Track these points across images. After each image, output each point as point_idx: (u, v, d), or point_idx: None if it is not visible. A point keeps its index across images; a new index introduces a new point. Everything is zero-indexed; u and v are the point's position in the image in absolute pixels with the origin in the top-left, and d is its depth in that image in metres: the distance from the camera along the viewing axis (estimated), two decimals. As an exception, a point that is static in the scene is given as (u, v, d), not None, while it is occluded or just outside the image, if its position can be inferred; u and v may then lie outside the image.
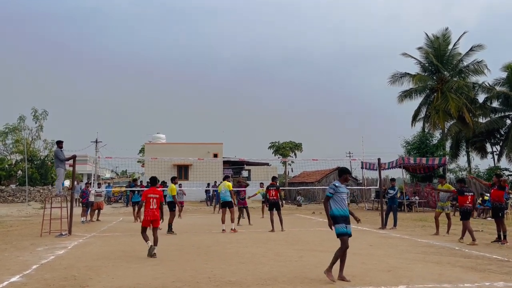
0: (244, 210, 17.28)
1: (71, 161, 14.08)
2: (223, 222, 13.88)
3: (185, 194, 22.21)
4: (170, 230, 13.61)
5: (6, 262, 8.32)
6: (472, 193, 11.59)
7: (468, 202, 11.46)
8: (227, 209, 14.08)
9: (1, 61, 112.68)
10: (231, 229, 13.74)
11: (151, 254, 8.83)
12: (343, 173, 7.03)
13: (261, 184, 19.21)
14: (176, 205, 14.35)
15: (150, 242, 9.02)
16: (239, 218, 16.55)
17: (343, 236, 6.68)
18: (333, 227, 6.75)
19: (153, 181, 9.88)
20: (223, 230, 13.69)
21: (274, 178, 15.15)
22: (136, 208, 17.18)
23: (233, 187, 14.55)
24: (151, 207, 9.20)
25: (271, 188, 14.43)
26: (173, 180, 14.45)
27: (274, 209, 14.20)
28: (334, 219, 6.73)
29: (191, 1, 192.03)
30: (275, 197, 14.30)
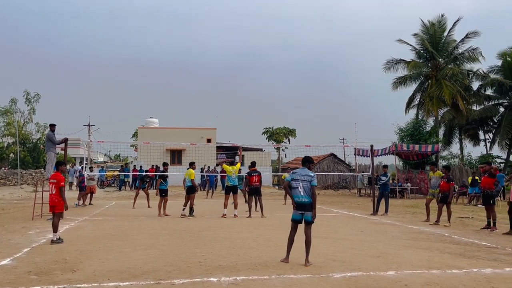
0: (257, 199, 14.33)
1: (62, 145, 13.98)
2: (225, 206, 13.81)
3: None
4: (191, 213, 13.83)
5: (-4, 245, 8.29)
6: (452, 181, 12.47)
7: (447, 189, 12.29)
8: (231, 195, 13.87)
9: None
10: (234, 215, 13.67)
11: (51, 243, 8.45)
12: (306, 162, 7.13)
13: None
14: (196, 189, 14.32)
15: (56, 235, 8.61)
16: (250, 208, 13.98)
17: (291, 222, 6.96)
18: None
19: (57, 164, 9.62)
20: (223, 214, 13.66)
21: (253, 164, 14.43)
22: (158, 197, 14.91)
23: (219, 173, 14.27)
24: (50, 192, 8.86)
25: (254, 174, 14.08)
26: (191, 165, 14.29)
27: (255, 195, 14.13)
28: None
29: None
30: (257, 183, 14.09)
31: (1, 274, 6.03)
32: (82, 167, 20.27)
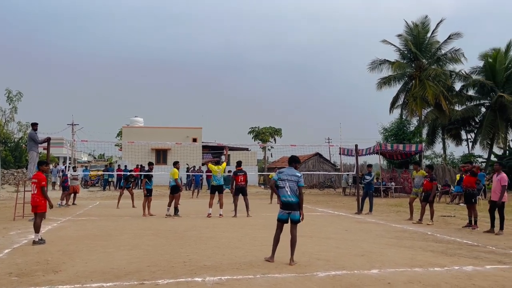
0: (243, 198, 14.02)
1: (45, 144, 13.77)
2: (210, 206, 13.74)
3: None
4: (176, 213, 13.75)
5: (-24, 247, 8.13)
6: (435, 180, 12.62)
7: (429, 188, 12.43)
8: (217, 194, 13.83)
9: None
10: (219, 214, 13.62)
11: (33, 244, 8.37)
12: (292, 162, 7.19)
13: (230, 172, 18.75)
14: (180, 189, 14.15)
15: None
16: (235, 207, 14.07)
17: (277, 221, 6.98)
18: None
19: (39, 164, 9.57)
20: (208, 214, 13.60)
21: (239, 163, 14.46)
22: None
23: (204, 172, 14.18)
24: (32, 192, 8.77)
25: (240, 173, 14.09)
26: (175, 164, 14.20)
27: (240, 194, 14.10)
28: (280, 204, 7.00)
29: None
30: (243, 182, 14.12)
31: (-19, 275, 5.92)
32: (66, 167, 19.98)
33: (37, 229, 8.50)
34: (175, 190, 13.79)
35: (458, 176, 21.96)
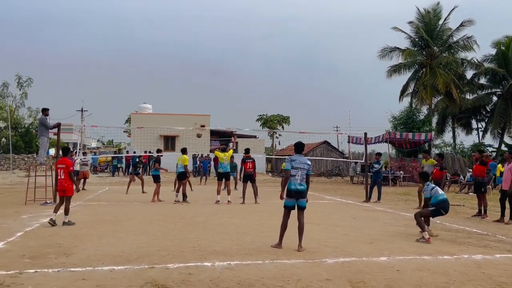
0: (252, 185, 14.11)
1: (55, 130, 13.88)
2: (218, 193, 13.79)
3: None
4: (184, 199, 13.84)
5: (-11, 230, 8.27)
6: (445, 169, 12.74)
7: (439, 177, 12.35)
8: (224, 181, 13.92)
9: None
10: (227, 201, 13.69)
11: (48, 222, 8.87)
12: (301, 149, 7.24)
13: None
14: (188, 175, 14.23)
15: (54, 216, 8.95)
16: (244, 194, 14.00)
17: (284, 208, 7.01)
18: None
19: (65, 151, 10.06)
20: (217, 201, 13.66)
21: (248, 150, 14.75)
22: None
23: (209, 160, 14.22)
24: (59, 177, 9.20)
25: (248, 160, 14.18)
26: (185, 151, 14.22)
27: (249, 181, 14.16)
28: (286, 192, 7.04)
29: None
30: (251, 169, 14.16)
31: (-6, 257, 6.02)
32: (75, 152, 20.15)
33: (66, 211, 9.00)
34: (183, 176, 13.85)
35: (500, 167, 17.62)
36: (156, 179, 14.55)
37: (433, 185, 8.55)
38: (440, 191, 8.40)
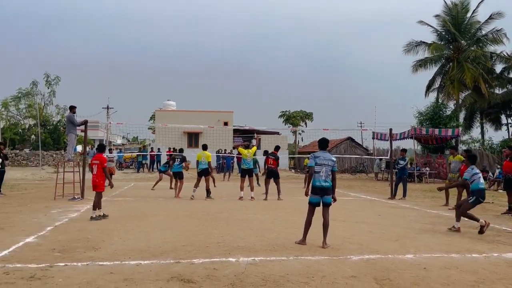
0: (275, 182, 14.15)
1: (82, 127, 14.18)
2: (241, 189, 13.91)
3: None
4: (208, 195, 13.96)
5: (21, 224, 8.53)
6: None
7: None
8: (247, 178, 14.03)
9: (9, 28, 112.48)
10: (250, 197, 13.72)
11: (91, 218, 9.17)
12: (326, 146, 7.18)
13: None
14: (211, 170, 14.34)
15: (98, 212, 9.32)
16: (266, 190, 14.09)
17: (309, 205, 6.99)
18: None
19: (100, 148, 10.27)
20: (240, 197, 13.74)
21: (277, 148, 14.92)
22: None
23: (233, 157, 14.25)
24: (93, 172, 9.46)
25: (271, 156, 14.25)
26: (206, 148, 14.36)
27: (272, 177, 14.16)
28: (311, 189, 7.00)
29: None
30: (273, 165, 14.14)
31: (26, 251, 6.21)
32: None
33: (96, 206, 9.27)
34: (206, 172, 13.92)
35: None
36: (180, 176, 14.72)
37: (478, 171, 8.46)
38: (482, 180, 8.35)
